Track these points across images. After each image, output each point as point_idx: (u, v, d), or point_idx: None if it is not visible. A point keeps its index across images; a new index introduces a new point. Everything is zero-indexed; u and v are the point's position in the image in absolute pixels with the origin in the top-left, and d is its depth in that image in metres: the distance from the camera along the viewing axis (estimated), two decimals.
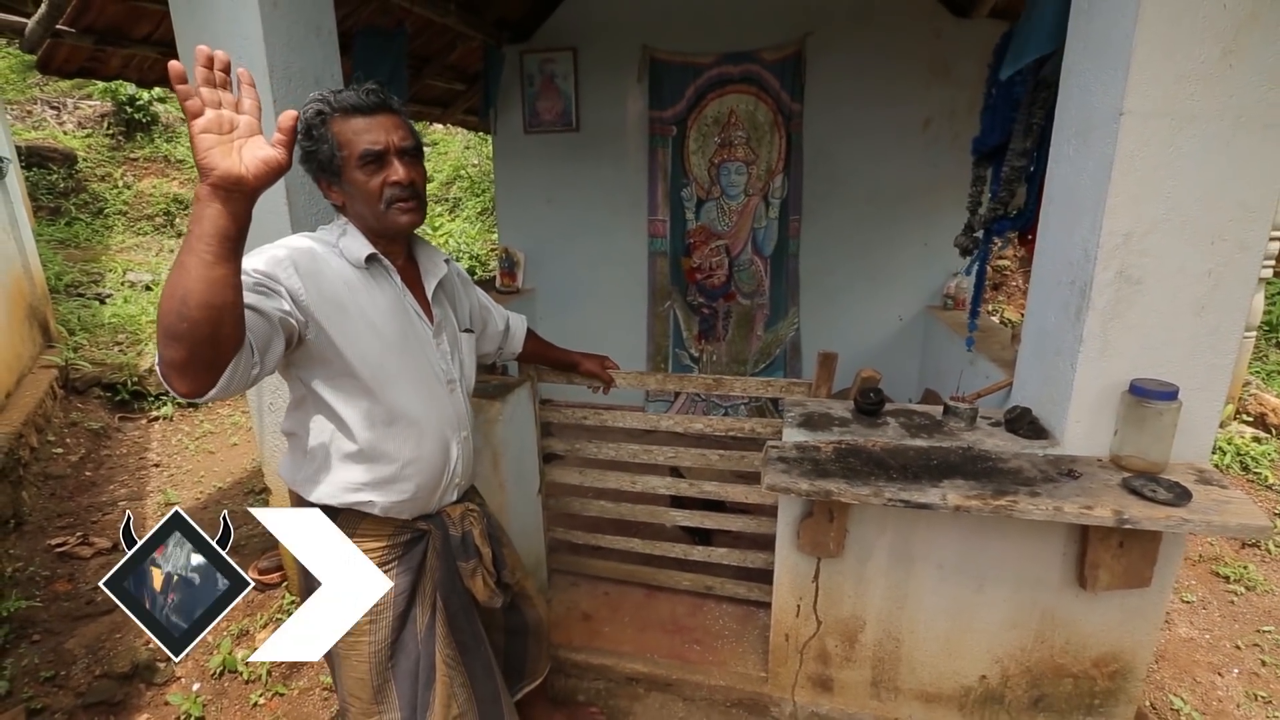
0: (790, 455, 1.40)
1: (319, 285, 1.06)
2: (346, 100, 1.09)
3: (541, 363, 1.84)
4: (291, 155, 0.84)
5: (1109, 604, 1.44)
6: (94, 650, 2.13)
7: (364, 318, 1.11)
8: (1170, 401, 1.24)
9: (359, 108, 1.09)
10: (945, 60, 2.97)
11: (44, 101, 8.08)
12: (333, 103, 1.09)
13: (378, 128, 1.09)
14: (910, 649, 1.60)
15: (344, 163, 1.09)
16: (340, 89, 1.11)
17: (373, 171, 1.09)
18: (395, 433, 1.15)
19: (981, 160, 2.05)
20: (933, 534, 1.49)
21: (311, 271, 1.06)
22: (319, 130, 1.09)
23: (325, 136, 1.09)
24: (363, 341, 1.10)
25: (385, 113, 1.11)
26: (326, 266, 1.09)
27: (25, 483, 2.89)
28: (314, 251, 1.09)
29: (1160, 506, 1.17)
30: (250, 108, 0.83)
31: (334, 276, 1.10)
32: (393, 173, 1.10)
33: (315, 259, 1.08)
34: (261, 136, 0.83)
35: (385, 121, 1.10)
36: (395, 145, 1.10)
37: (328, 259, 1.11)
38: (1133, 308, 1.28)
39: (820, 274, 3.39)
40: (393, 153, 1.10)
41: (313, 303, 1.04)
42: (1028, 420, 1.45)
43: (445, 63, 3.53)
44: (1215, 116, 1.17)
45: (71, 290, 5.18)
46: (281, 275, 1.02)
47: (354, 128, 1.08)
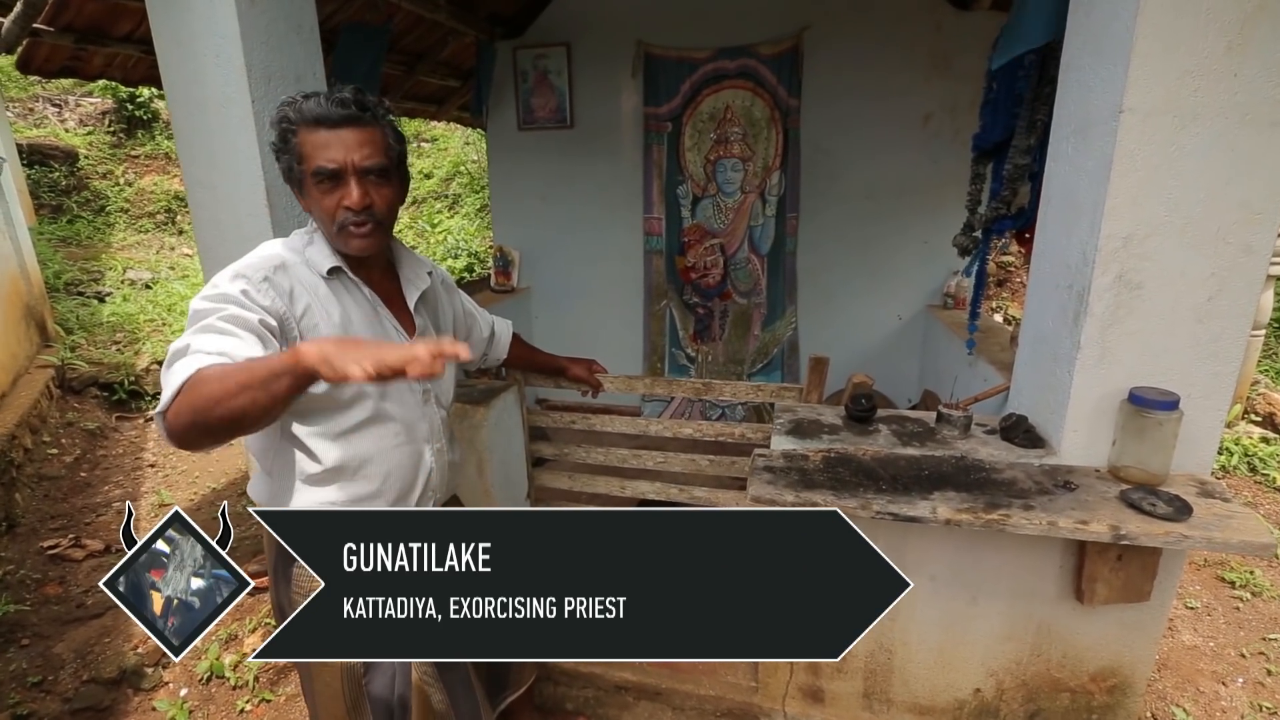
0: (777, 464, 1.36)
1: (292, 301, 1.05)
2: (310, 110, 1.02)
3: (528, 368, 1.80)
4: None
5: (1107, 618, 1.40)
6: (82, 655, 2.12)
7: (342, 332, 1.08)
8: (1171, 411, 1.19)
9: (322, 120, 1.02)
10: (946, 54, 2.91)
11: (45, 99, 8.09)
12: (297, 110, 1.03)
13: (338, 144, 1.02)
14: (903, 660, 1.57)
15: (304, 176, 1.05)
16: (310, 95, 1.05)
17: (327, 190, 1.04)
18: (365, 449, 1.12)
19: (982, 157, 1.99)
20: (925, 545, 1.45)
21: (285, 289, 1.04)
22: (284, 139, 1.05)
23: (290, 146, 1.05)
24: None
25: (353, 126, 1.03)
26: (298, 280, 1.07)
27: (19, 484, 2.88)
28: (285, 264, 1.07)
29: (1159, 521, 1.13)
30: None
31: (310, 289, 1.07)
32: (346, 195, 1.03)
33: (290, 274, 1.06)
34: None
35: (349, 137, 1.03)
36: (355, 165, 1.03)
37: (298, 270, 1.08)
38: (1133, 313, 1.23)
39: (818, 272, 3.33)
40: (350, 173, 1.03)
41: (289, 320, 1.03)
42: (1023, 428, 1.41)
43: (438, 59, 3.49)
44: (1219, 114, 1.12)
45: (71, 289, 5.18)
46: (264, 301, 1.01)
47: (315, 141, 1.03)
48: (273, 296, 1.02)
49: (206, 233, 1.75)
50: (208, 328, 0.93)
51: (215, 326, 0.94)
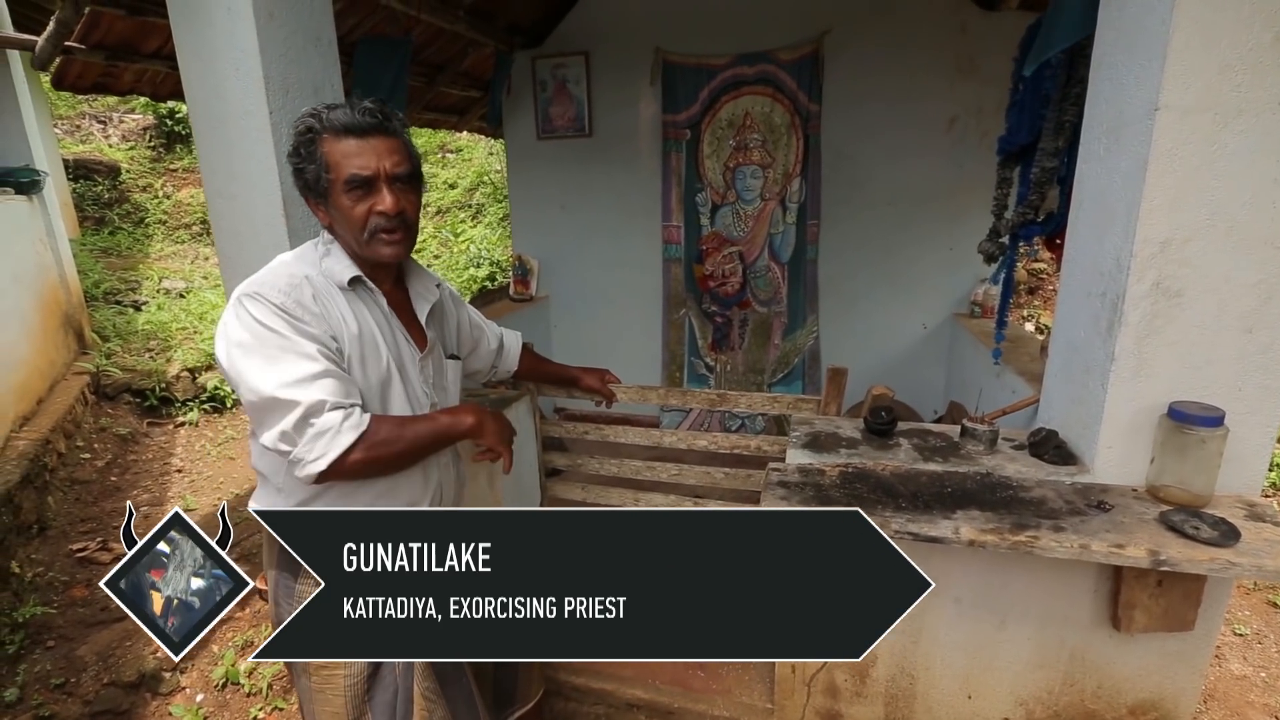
0: (792, 479, 1.31)
1: (329, 314, 1.06)
2: (338, 120, 1.03)
3: (540, 379, 1.78)
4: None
5: (1147, 647, 1.31)
6: (105, 658, 2.15)
7: (359, 345, 1.08)
8: (1215, 428, 1.11)
9: (351, 128, 1.03)
10: (971, 55, 2.83)
11: (91, 116, 8.44)
12: (324, 120, 1.04)
13: (369, 151, 1.03)
14: (926, 687, 1.49)
15: (330, 185, 1.04)
16: (335, 105, 1.06)
17: (359, 198, 1.04)
18: None
19: (1008, 161, 1.92)
20: (950, 565, 1.38)
21: (318, 310, 1.05)
22: (308, 148, 1.05)
23: (314, 155, 1.04)
24: (350, 368, 1.07)
25: (380, 135, 1.05)
26: (320, 293, 1.07)
27: (51, 488, 2.96)
28: (309, 279, 1.07)
29: (1203, 546, 1.05)
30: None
31: (331, 302, 1.07)
32: (379, 201, 1.04)
33: (313, 287, 1.06)
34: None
35: (379, 145, 1.04)
36: (386, 172, 1.04)
37: (318, 282, 1.08)
38: (1171, 323, 1.16)
39: (840, 280, 3.27)
40: (382, 179, 1.04)
41: (333, 332, 1.05)
42: (1054, 444, 1.33)
43: (458, 70, 3.53)
44: (1266, 109, 1.05)
45: (109, 298, 5.36)
46: (317, 323, 1.03)
47: (344, 150, 1.03)
48: (311, 316, 1.03)
49: (226, 242, 1.77)
50: (319, 375, 0.98)
51: (315, 372, 0.98)
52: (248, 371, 0.97)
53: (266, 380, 0.96)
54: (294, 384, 0.96)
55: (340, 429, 0.97)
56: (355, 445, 0.99)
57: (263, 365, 0.97)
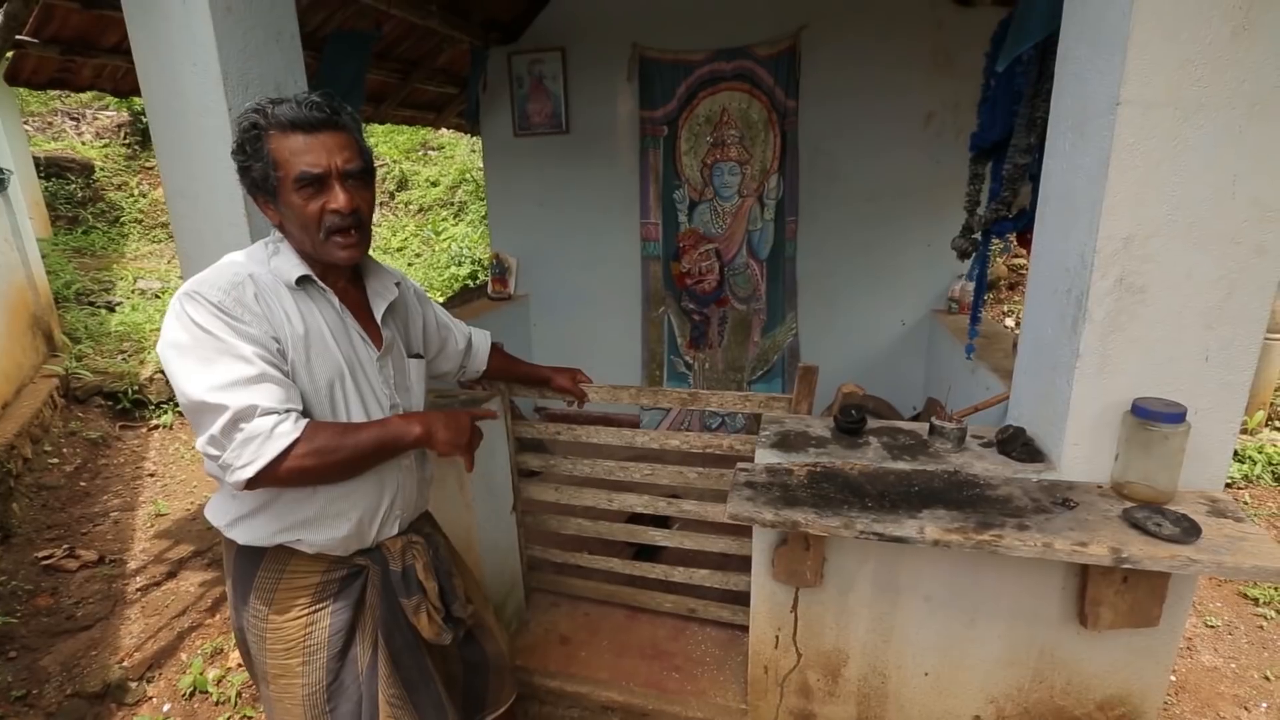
0: (759, 479, 1.30)
1: (272, 315, 1.02)
2: (284, 115, 0.99)
3: (511, 379, 1.75)
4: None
5: (1114, 643, 1.31)
6: (69, 668, 2.10)
7: (305, 346, 1.04)
8: (1177, 424, 1.11)
9: (298, 124, 0.99)
10: (948, 51, 2.83)
11: (65, 113, 8.26)
12: (269, 116, 0.99)
13: (319, 148, 0.99)
14: (898, 685, 1.49)
15: (280, 183, 1.00)
16: (280, 99, 1.01)
17: (310, 196, 1.00)
18: None
19: (980, 157, 1.92)
20: (919, 564, 1.38)
21: (260, 309, 1.01)
22: (253, 145, 1.00)
23: (260, 153, 1.00)
24: (294, 370, 1.03)
25: (329, 130, 1.01)
26: (268, 292, 1.03)
27: (16, 494, 2.89)
28: (254, 277, 1.03)
29: (1164, 543, 1.05)
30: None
31: (276, 302, 1.04)
32: (332, 199, 1.00)
33: (256, 286, 1.02)
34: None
35: (329, 140, 1.00)
36: (338, 168, 1.00)
37: (265, 281, 1.04)
38: (1135, 319, 1.16)
39: (819, 277, 3.26)
40: (334, 176, 1.00)
41: (274, 333, 1.01)
42: (1021, 441, 1.33)
43: (434, 66, 3.48)
44: (1226, 104, 1.04)
45: (82, 298, 5.25)
46: (258, 324, 1.00)
47: (292, 146, 0.99)
48: (254, 317, 1.00)
49: (187, 242, 1.73)
50: (252, 379, 0.94)
51: (250, 376, 0.94)
52: (180, 374, 0.94)
53: (197, 384, 0.92)
54: (224, 388, 0.92)
55: (271, 435, 0.93)
56: (287, 452, 0.94)
57: (195, 367, 0.93)
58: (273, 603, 1.11)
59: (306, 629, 1.12)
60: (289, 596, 1.11)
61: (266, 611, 1.11)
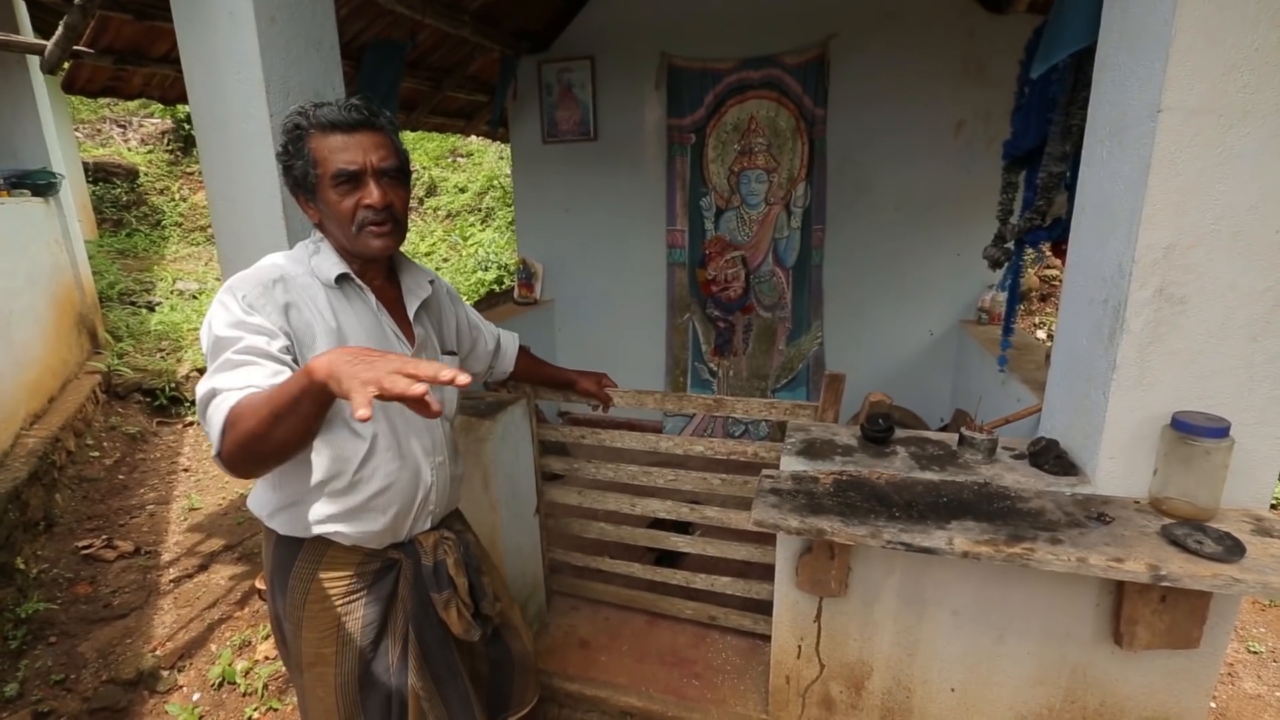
0: (784, 487, 1.29)
1: (298, 313, 1.05)
2: (325, 116, 1.05)
3: (536, 381, 1.77)
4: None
5: (1151, 664, 1.27)
6: (105, 654, 2.17)
7: (338, 341, 1.07)
8: (1220, 439, 1.08)
9: (338, 124, 1.05)
10: (979, 59, 2.80)
11: (112, 120, 8.60)
12: (311, 117, 1.05)
13: (355, 146, 1.05)
14: (923, 700, 1.46)
15: (318, 181, 1.05)
16: (322, 103, 1.07)
17: (346, 192, 1.05)
18: (365, 461, 1.10)
19: (1013, 165, 1.90)
20: (947, 577, 1.36)
21: (284, 303, 1.04)
22: (295, 145, 1.06)
23: (302, 152, 1.05)
24: None
25: (367, 130, 1.06)
26: (301, 291, 1.07)
27: (59, 485, 3.00)
28: (286, 277, 1.07)
29: (1206, 561, 1.01)
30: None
31: (308, 300, 1.07)
32: (366, 195, 1.05)
33: (288, 287, 1.06)
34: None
35: (365, 140, 1.05)
36: (373, 166, 1.05)
37: (300, 281, 1.08)
38: (1175, 331, 1.13)
39: (845, 286, 3.23)
40: (369, 173, 1.05)
41: (293, 332, 1.03)
42: (1054, 454, 1.30)
43: (465, 74, 3.55)
44: (1274, 110, 1.02)
45: (124, 298, 5.44)
46: (273, 319, 1.01)
47: (330, 145, 1.04)
48: (269, 312, 1.02)
49: (227, 244, 1.79)
50: (227, 364, 0.95)
51: (233, 361, 0.95)
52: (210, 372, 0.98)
53: (208, 379, 0.96)
54: (209, 375, 0.95)
55: (216, 414, 0.90)
56: (225, 429, 0.89)
57: (214, 367, 0.97)
58: (309, 591, 1.14)
59: (341, 618, 1.14)
60: (325, 586, 1.14)
61: (303, 600, 1.14)
